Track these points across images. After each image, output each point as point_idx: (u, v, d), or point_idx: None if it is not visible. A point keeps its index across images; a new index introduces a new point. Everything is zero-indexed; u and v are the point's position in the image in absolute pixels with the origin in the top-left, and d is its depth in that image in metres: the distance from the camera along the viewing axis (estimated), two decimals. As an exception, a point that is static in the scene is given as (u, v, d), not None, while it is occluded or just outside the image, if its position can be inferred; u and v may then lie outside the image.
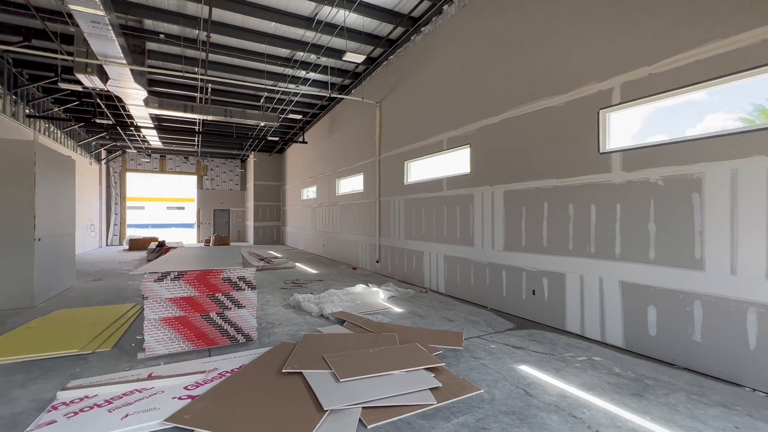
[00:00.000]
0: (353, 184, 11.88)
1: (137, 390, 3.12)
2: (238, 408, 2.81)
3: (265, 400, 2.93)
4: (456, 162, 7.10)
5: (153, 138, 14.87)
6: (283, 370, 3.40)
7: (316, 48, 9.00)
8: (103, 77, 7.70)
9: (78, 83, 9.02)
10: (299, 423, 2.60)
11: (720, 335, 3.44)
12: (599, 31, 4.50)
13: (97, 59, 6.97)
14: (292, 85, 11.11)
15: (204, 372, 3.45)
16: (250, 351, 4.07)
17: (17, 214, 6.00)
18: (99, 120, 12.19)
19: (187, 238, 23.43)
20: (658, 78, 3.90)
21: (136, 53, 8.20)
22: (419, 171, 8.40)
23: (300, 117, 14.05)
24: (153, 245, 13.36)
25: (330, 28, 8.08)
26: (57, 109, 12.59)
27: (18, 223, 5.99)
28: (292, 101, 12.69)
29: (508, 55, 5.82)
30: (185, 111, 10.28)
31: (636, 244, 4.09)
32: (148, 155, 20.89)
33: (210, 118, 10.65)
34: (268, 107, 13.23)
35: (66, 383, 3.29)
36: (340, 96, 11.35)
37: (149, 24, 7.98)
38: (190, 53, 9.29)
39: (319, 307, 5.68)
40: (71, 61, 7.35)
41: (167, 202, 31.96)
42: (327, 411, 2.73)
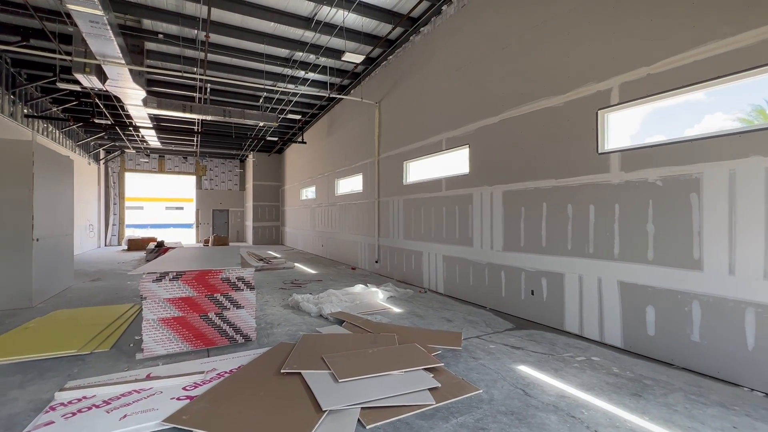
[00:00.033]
0: (352, 184, 11.88)
1: (135, 390, 3.11)
2: (236, 408, 2.80)
3: (264, 400, 2.92)
4: (455, 162, 7.10)
5: (152, 138, 14.84)
6: (282, 370, 3.40)
7: (315, 48, 9.00)
8: (102, 77, 7.69)
9: (76, 83, 8.99)
10: (298, 423, 2.59)
11: (718, 335, 3.45)
12: (598, 32, 4.51)
13: (96, 59, 6.96)
14: (291, 85, 11.11)
15: (202, 372, 3.45)
16: (248, 351, 4.07)
17: (15, 214, 5.98)
18: (97, 120, 12.16)
19: (186, 238, 23.38)
20: (656, 78, 3.91)
21: (134, 53, 8.19)
22: (418, 171, 8.40)
23: (299, 117, 14.05)
24: (152, 245, 13.36)
25: (329, 28, 8.09)
26: (55, 109, 12.56)
27: (16, 224, 5.98)
28: (291, 101, 12.68)
29: (507, 56, 5.83)
30: (184, 111, 10.26)
31: (634, 244, 4.10)
32: (146, 155, 20.85)
33: (209, 118, 10.64)
34: (267, 107, 13.23)
35: (64, 384, 3.28)
36: (339, 96, 11.35)
37: (148, 24, 7.97)
38: (188, 53, 9.29)
39: (318, 308, 5.68)
40: (70, 61, 7.33)
41: (166, 202, 31.86)
42: (326, 411, 2.73)
